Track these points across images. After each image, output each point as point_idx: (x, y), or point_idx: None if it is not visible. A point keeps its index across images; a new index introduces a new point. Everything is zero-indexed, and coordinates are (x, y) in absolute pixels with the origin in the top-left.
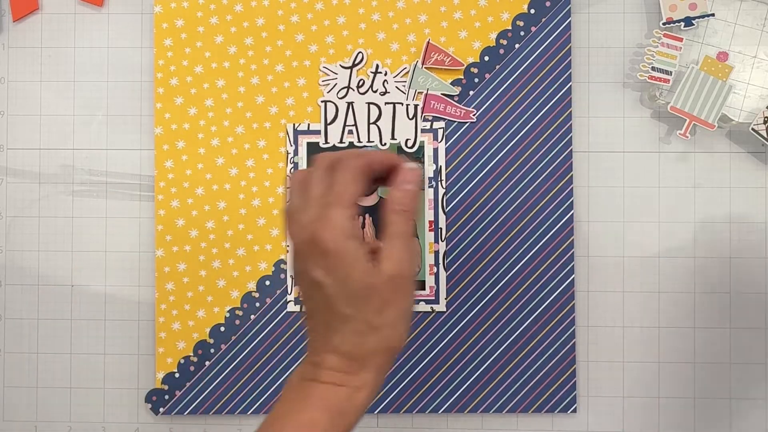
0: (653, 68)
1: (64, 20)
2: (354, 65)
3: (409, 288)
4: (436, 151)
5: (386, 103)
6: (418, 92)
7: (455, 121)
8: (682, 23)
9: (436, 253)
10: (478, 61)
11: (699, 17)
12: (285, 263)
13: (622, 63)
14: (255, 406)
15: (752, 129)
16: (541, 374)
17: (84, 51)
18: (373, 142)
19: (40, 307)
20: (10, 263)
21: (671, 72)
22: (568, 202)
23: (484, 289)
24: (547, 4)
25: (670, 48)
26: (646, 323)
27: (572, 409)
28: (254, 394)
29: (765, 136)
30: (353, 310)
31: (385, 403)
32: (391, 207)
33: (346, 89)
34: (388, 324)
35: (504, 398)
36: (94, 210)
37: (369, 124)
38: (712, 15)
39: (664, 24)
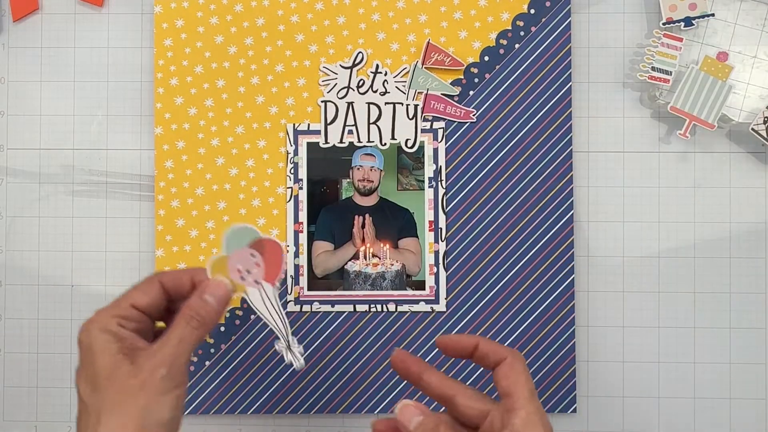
0: (653, 68)
1: (64, 20)
2: (354, 65)
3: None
4: (436, 151)
5: (386, 103)
6: (418, 92)
7: (455, 121)
8: (682, 23)
9: (436, 253)
10: (478, 61)
11: (699, 17)
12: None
13: (622, 63)
14: (255, 406)
15: (752, 129)
16: (540, 374)
17: (84, 51)
18: (373, 142)
19: (40, 307)
20: (10, 263)
21: (671, 72)
22: (568, 202)
23: (484, 289)
24: (547, 4)
25: (670, 48)
26: (646, 323)
27: (572, 409)
28: (254, 394)
29: (765, 136)
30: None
31: (384, 403)
32: (183, 311)
33: (346, 89)
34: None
35: None
36: (94, 210)
37: (369, 124)
38: (712, 15)
39: (664, 24)
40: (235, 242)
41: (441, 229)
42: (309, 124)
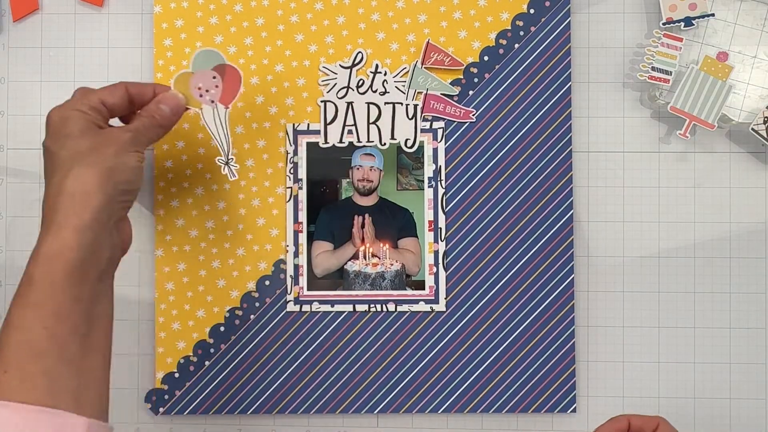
0: (653, 68)
1: (64, 20)
2: (354, 65)
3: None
4: (435, 151)
5: (386, 103)
6: (418, 92)
7: (455, 121)
8: (682, 23)
9: (436, 252)
10: (478, 61)
11: (699, 17)
12: (285, 263)
13: (622, 63)
14: (255, 406)
15: (752, 129)
16: (540, 374)
17: (84, 51)
18: (372, 141)
19: None
20: (10, 263)
21: (671, 72)
22: (568, 202)
23: (483, 288)
24: (547, 4)
25: (670, 48)
26: (646, 323)
27: (572, 408)
28: (254, 394)
29: (765, 136)
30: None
31: (384, 403)
32: (140, 113)
33: (345, 89)
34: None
35: (504, 398)
36: None
37: (369, 124)
38: (712, 15)
39: (664, 24)
40: (200, 63)
41: (440, 228)
42: (309, 124)
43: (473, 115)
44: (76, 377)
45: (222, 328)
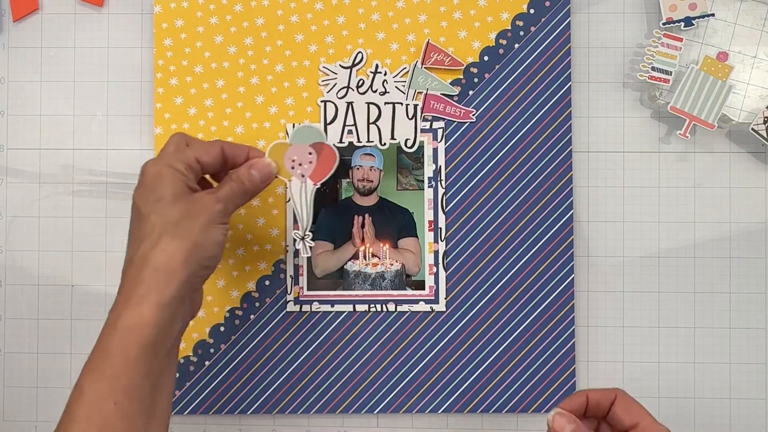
0: (653, 68)
1: (64, 20)
2: (354, 65)
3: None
4: (435, 151)
5: (386, 103)
6: (418, 92)
7: (455, 121)
8: (682, 23)
9: (436, 252)
10: (478, 61)
11: (699, 17)
12: (285, 263)
13: (622, 63)
14: (255, 406)
15: (752, 129)
16: (540, 374)
17: (84, 51)
18: (372, 142)
19: (40, 307)
20: (10, 263)
21: (671, 72)
22: (568, 202)
23: (483, 288)
24: (547, 4)
25: (670, 48)
26: (646, 323)
27: None
28: (254, 394)
29: (765, 136)
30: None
31: (384, 402)
32: (230, 175)
33: (345, 89)
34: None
35: (504, 398)
36: (94, 210)
37: (369, 124)
38: (712, 15)
39: (664, 24)
40: (301, 137)
41: (440, 228)
42: (309, 124)
43: (473, 115)
44: None
45: (222, 328)
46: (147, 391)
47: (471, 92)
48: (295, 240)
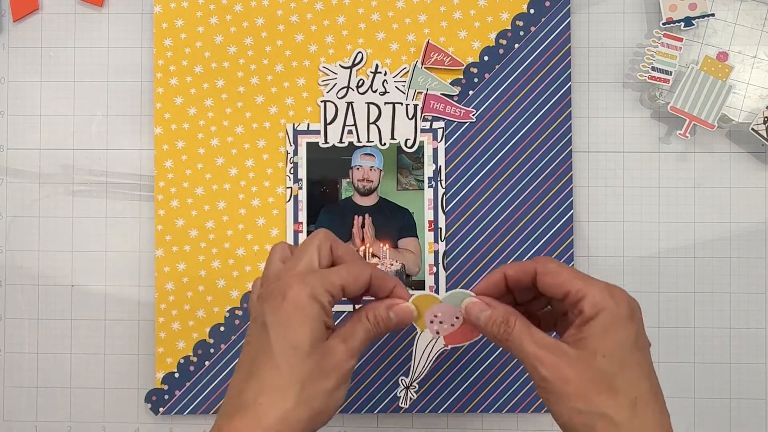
0: (653, 68)
1: (64, 20)
2: (354, 65)
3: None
4: (435, 150)
5: (386, 103)
6: (418, 92)
7: (455, 121)
8: (682, 23)
9: (436, 253)
10: (478, 61)
11: (699, 17)
12: None
13: (622, 63)
14: None
15: (752, 129)
16: None
17: (84, 51)
18: (372, 142)
19: (40, 307)
20: (10, 263)
21: (671, 72)
22: (568, 202)
23: None
24: (547, 4)
25: (670, 48)
26: (646, 323)
27: None
28: None
29: (765, 136)
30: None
31: (384, 402)
32: (368, 313)
33: (345, 89)
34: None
35: (504, 398)
36: (94, 210)
37: (369, 124)
38: (712, 15)
39: (664, 24)
40: (454, 300)
41: (440, 229)
42: (309, 124)
43: (473, 115)
44: None
45: (222, 328)
46: None
47: (471, 92)
48: (402, 387)
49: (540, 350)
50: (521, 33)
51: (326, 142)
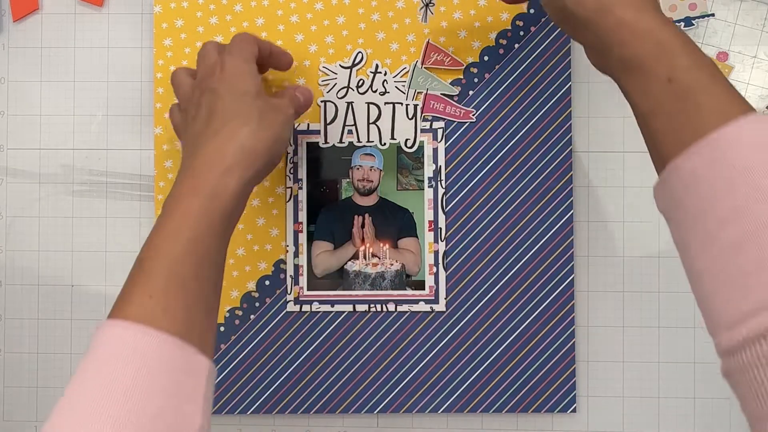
0: None
1: (64, 20)
2: (353, 65)
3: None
4: (435, 151)
5: (386, 103)
6: (418, 92)
7: (455, 121)
8: (682, 23)
9: (436, 253)
10: (478, 60)
11: (699, 17)
12: (285, 263)
13: None
14: (255, 406)
15: None
16: (540, 374)
17: (84, 51)
18: (372, 141)
19: (40, 307)
20: (10, 263)
21: None
22: (568, 202)
23: (483, 289)
24: None
25: None
26: (646, 323)
27: (572, 408)
28: (254, 394)
29: None
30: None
31: (384, 403)
32: (284, 93)
33: (345, 89)
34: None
35: (504, 398)
36: (94, 210)
37: (369, 124)
38: (712, 15)
39: None
40: None
41: (441, 228)
42: (308, 124)
43: (473, 115)
44: (206, 319)
45: (222, 328)
46: (216, 263)
47: (471, 92)
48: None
49: None
50: (521, 33)
51: (326, 142)
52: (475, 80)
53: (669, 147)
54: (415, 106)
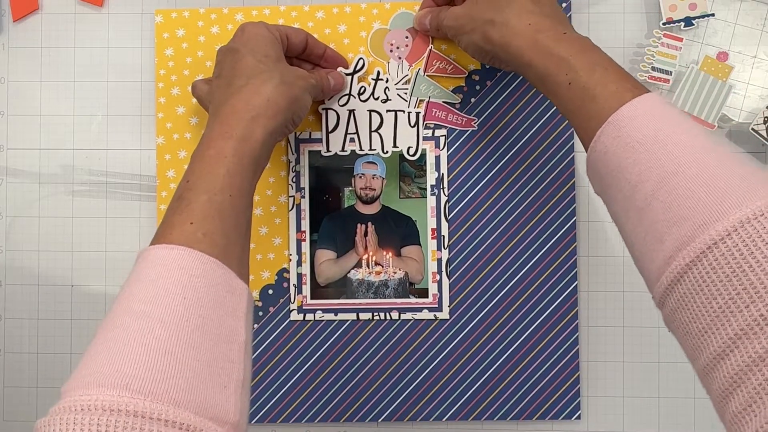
0: (653, 68)
1: (64, 20)
2: (355, 72)
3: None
4: (438, 158)
5: (388, 111)
6: (420, 100)
7: (457, 129)
8: (682, 23)
9: (439, 260)
10: (480, 68)
11: (699, 17)
12: (288, 272)
13: (622, 63)
14: (258, 415)
15: (752, 129)
16: (544, 381)
17: (84, 51)
18: (374, 150)
19: (40, 307)
20: (10, 263)
21: (671, 72)
22: (571, 209)
23: (487, 296)
24: None
25: (670, 48)
26: (647, 323)
27: (576, 415)
28: (257, 403)
29: (765, 136)
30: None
31: (388, 411)
32: (316, 73)
33: (347, 97)
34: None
35: (507, 405)
36: (94, 210)
37: (371, 132)
38: (712, 15)
39: (664, 24)
40: (398, 23)
41: (443, 236)
42: (310, 133)
43: (475, 122)
44: (242, 249)
45: None
46: (250, 202)
47: (473, 100)
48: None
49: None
50: None
51: (328, 150)
52: (477, 88)
53: (586, 137)
54: (417, 113)
